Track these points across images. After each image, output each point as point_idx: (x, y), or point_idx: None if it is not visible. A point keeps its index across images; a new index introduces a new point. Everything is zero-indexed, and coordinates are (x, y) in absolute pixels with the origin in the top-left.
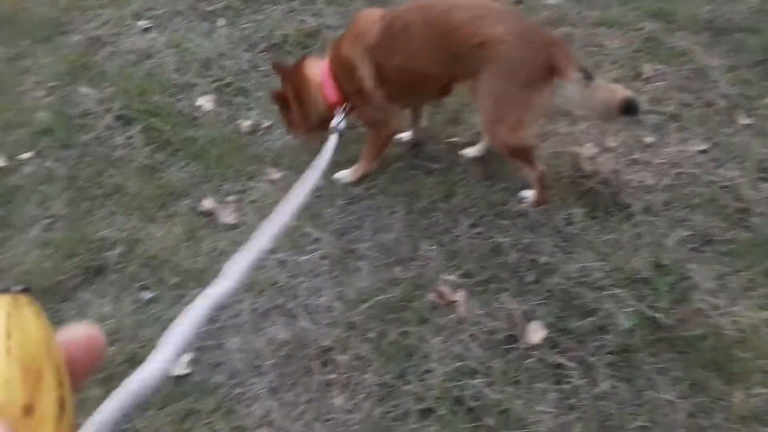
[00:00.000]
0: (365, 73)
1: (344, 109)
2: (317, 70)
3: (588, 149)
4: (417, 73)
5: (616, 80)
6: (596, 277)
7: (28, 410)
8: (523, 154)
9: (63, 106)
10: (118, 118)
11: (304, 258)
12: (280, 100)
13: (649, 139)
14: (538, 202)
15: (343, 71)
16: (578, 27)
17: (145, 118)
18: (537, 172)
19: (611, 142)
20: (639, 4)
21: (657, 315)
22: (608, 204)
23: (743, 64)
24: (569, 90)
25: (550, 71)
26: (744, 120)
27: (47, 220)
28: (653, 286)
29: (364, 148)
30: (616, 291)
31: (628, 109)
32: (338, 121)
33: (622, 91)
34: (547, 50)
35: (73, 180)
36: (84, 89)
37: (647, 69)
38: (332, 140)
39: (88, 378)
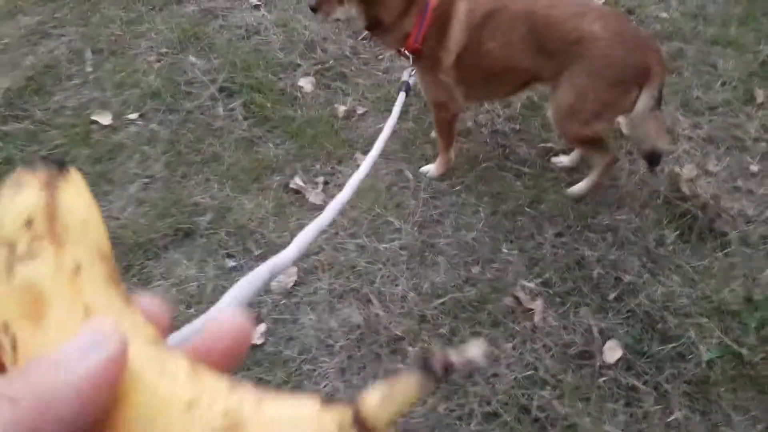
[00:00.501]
0: (453, 46)
1: (411, 66)
2: None
3: (689, 170)
4: (504, 64)
5: (727, 101)
6: (682, 303)
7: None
8: (594, 143)
9: (172, 72)
10: (222, 89)
11: (383, 246)
12: None
13: (754, 168)
14: (595, 187)
15: (437, 26)
16: (691, 43)
17: (248, 92)
18: (609, 157)
19: (714, 166)
20: (759, 25)
21: (742, 351)
22: (703, 229)
23: None
24: (643, 101)
25: (641, 75)
26: None
27: (146, 180)
28: (742, 321)
29: (436, 138)
30: (702, 320)
31: (652, 159)
32: (408, 75)
33: (663, 141)
34: (641, 53)
35: (173, 144)
36: (193, 58)
37: (760, 95)
38: (401, 98)
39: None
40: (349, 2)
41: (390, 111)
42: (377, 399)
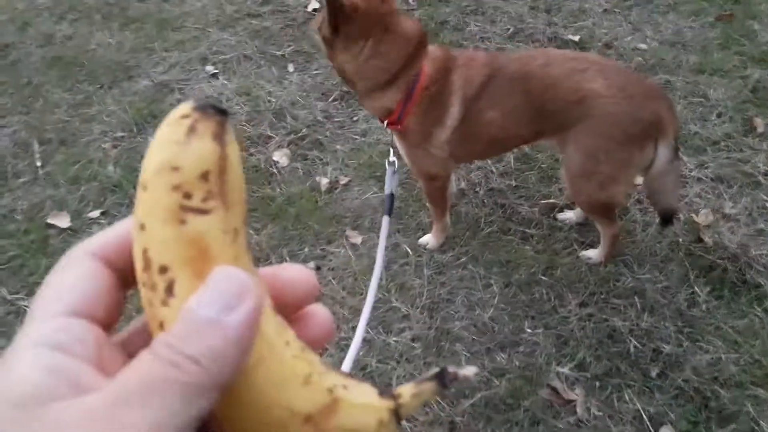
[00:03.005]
0: (449, 122)
1: (392, 162)
2: (425, 57)
3: (705, 216)
4: (506, 132)
5: (728, 135)
6: (731, 372)
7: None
8: (607, 211)
9: (131, 159)
10: None
11: (393, 339)
12: (337, 7)
13: None
14: (606, 260)
15: (428, 104)
16: (676, 74)
17: None
18: (614, 229)
19: (730, 209)
20: (740, 48)
21: None
22: (735, 282)
23: None
24: (661, 154)
25: (653, 128)
26: None
27: None
28: None
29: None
30: (757, 391)
31: (667, 218)
32: (392, 156)
33: (677, 196)
34: (651, 105)
35: None
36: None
37: (760, 123)
38: (385, 223)
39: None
40: (320, 34)
41: (375, 177)
42: (409, 394)
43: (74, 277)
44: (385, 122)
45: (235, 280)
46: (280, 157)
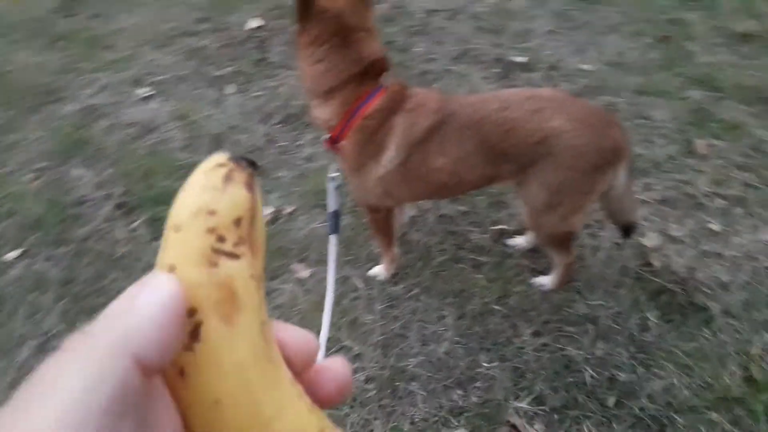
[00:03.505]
0: (385, 162)
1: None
2: (381, 87)
3: (652, 239)
4: (457, 178)
5: (671, 156)
6: (685, 397)
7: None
8: (566, 241)
9: (55, 191)
10: (119, 206)
11: None
12: (307, 5)
13: (715, 227)
14: (559, 286)
15: (367, 135)
16: (620, 96)
17: (151, 206)
18: (571, 257)
19: (676, 231)
20: (680, 69)
21: None
22: (684, 305)
23: None
24: (620, 177)
25: (612, 155)
26: None
27: (40, 340)
28: (749, 407)
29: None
30: (711, 415)
31: (628, 230)
32: (333, 173)
33: (637, 211)
34: (609, 133)
35: (68, 286)
36: (78, 171)
37: (700, 145)
38: (332, 243)
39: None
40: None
41: (322, 205)
42: None
43: (103, 383)
44: (326, 141)
45: (158, 279)
46: None
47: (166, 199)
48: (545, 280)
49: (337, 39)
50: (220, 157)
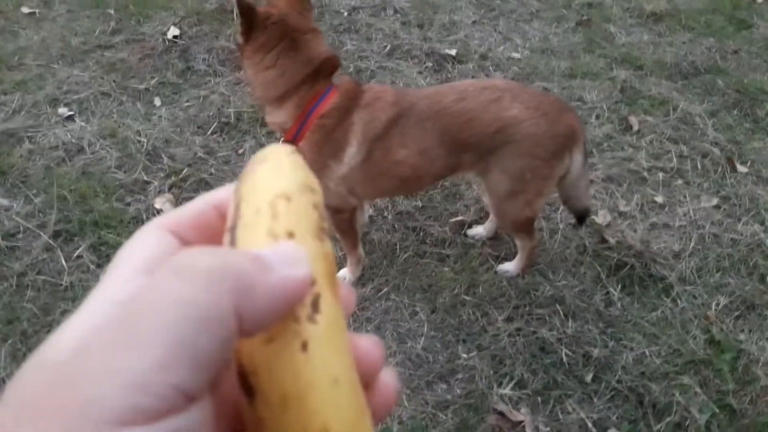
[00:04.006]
0: (347, 160)
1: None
2: (332, 85)
3: (603, 217)
4: (420, 170)
5: (608, 135)
6: (656, 366)
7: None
8: (529, 225)
9: None
10: (57, 234)
11: None
12: (250, 15)
13: (659, 199)
14: (524, 271)
15: (324, 134)
16: (551, 81)
17: (92, 230)
18: (534, 241)
19: (624, 206)
20: (602, 51)
21: (729, 400)
22: (643, 277)
23: (721, 107)
24: (576, 161)
25: (568, 140)
26: (741, 168)
27: None
28: (715, 368)
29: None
30: (683, 379)
31: (581, 218)
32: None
33: (590, 196)
34: (564, 118)
35: (13, 325)
36: (4, 201)
37: (634, 122)
38: None
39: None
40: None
41: None
42: None
43: (143, 242)
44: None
45: (301, 254)
46: (162, 203)
47: (108, 221)
48: (510, 266)
49: (285, 42)
50: (281, 146)
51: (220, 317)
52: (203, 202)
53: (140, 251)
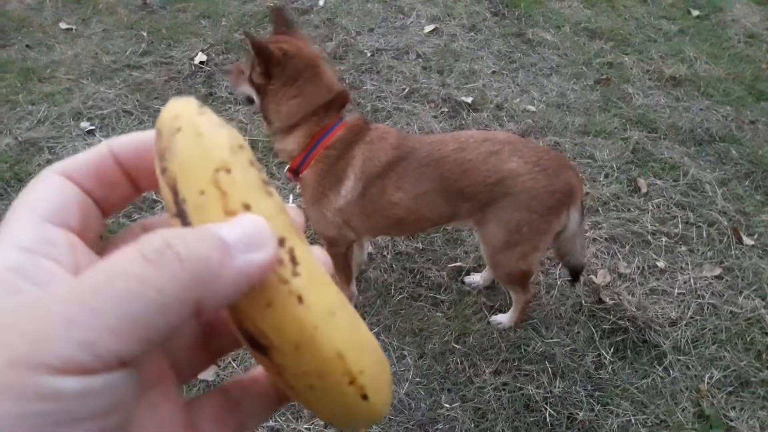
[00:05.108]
0: (344, 193)
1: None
2: (342, 118)
3: (602, 277)
4: (415, 215)
5: (616, 195)
6: None
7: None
8: (524, 279)
9: None
10: None
11: (304, 426)
12: (267, 55)
13: (661, 264)
14: (516, 324)
15: (327, 165)
16: (564, 136)
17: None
18: (528, 295)
19: (624, 268)
20: (618, 111)
21: None
22: (636, 342)
23: (732, 176)
24: (573, 218)
25: (566, 196)
26: (748, 240)
27: None
28: None
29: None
30: None
31: (575, 275)
32: (291, 201)
33: (584, 253)
34: (563, 175)
35: None
36: None
37: (643, 184)
38: None
39: None
40: (250, 87)
41: None
42: None
43: (44, 190)
44: (287, 171)
45: (265, 231)
46: None
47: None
48: (503, 318)
49: (308, 72)
50: (184, 100)
51: (180, 306)
52: (101, 149)
53: (42, 198)
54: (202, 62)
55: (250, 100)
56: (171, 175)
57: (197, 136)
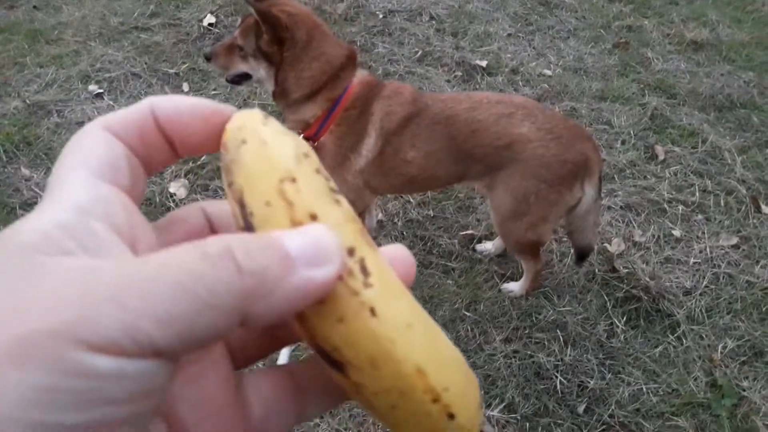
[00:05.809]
0: (365, 152)
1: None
2: (355, 77)
3: (617, 245)
4: (426, 173)
5: (632, 162)
6: (652, 403)
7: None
8: (534, 249)
9: (0, 193)
10: None
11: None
12: (274, 20)
13: (677, 233)
14: (528, 293)
15: (347, 126)
16: (581, 101)
17: None
18: (539, 265)
19: (639, 237)
20: (636, 76)
21: None
22: (649, 311)
23: (753, 144)
24: (588, 193)
25: (580, 168)
26: (766, 209)
27: None
28: (713, 413)
29: None
30: (677, 421)
31: (584, 255)
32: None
33: (595, 234)
34: (577, 146)
35: None
36: (26, 171)
37: (660, 151)
38: None
39: None
40: (256, 60)
41: None
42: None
43: (93, 146)
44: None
45: (332, 243)
46: (177, 188)
47: None
48: (514, 286)
49: (317, 32)
50: (248, 112)
51: (228, 312)
52: (143, 108)
53: (94, 155)
54: (210, 24)
55: (244, 77)
56: (238, 188)
57: (262, 146)
